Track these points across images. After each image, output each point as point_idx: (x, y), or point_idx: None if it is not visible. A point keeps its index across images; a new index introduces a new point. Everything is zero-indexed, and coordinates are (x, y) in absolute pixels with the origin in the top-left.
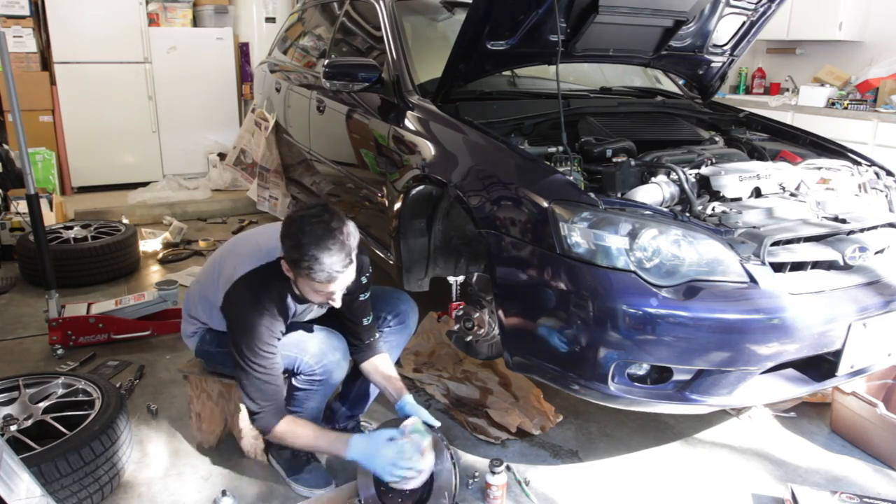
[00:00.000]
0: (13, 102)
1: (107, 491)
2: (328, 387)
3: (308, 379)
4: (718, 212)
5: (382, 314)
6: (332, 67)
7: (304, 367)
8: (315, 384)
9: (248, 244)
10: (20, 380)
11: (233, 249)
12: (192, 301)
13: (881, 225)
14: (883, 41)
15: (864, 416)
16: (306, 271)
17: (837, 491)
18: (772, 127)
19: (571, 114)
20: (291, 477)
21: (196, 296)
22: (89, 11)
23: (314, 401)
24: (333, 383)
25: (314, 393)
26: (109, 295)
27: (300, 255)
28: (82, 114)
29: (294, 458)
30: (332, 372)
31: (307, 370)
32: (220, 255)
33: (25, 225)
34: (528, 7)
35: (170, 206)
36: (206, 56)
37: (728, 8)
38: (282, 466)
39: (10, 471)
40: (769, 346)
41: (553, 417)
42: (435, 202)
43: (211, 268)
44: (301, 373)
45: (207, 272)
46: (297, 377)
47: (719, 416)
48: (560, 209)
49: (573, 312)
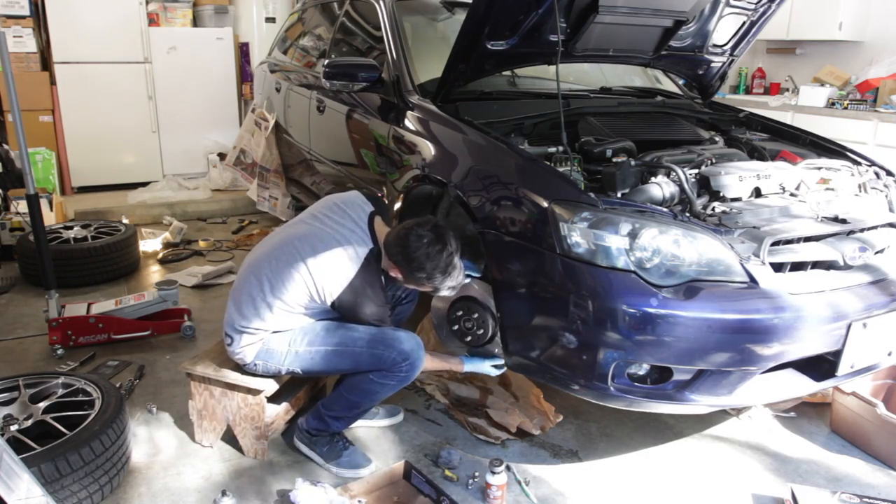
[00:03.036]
0: (13, 102)
1: (106, 491)
2: (406, 382)
3: (392, 375)
4: (718, 212)
5: (398, 291)
6: (332, 67)
7: (391, 364)
8: (396, 380)
9: (330, 251)
10: (20, 380)
11: (312, 252)
12: (240, 314)
13: (881, 225)
14: (883, 41)
15: (864, 416)
16: (420, 281)
17: (837, 491)
18: (772, 127)
19: (571, 114)
20: (331, 462)
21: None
22: (89, 11)
23: (383, 396)
24: (412, 379)
25: (390, 389)
26: (109, 295)
27: (419, 271)
28: (82, 114)
29: (332, 445)
30: (415, 368)
31: (394, 368)
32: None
33: (25, 225)
34: (528, 7)
35: (170, 206)
36: (206, 56)
37: (728, 8)
38: (318, 454)
39: (10, 471)
40: (769, 347)
41: (553, 417)
42: (435, 202)
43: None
44: (385, 369)
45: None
46: (379, 373)
47: (719, 416)
48: (560, 209)
49: (573, 312)
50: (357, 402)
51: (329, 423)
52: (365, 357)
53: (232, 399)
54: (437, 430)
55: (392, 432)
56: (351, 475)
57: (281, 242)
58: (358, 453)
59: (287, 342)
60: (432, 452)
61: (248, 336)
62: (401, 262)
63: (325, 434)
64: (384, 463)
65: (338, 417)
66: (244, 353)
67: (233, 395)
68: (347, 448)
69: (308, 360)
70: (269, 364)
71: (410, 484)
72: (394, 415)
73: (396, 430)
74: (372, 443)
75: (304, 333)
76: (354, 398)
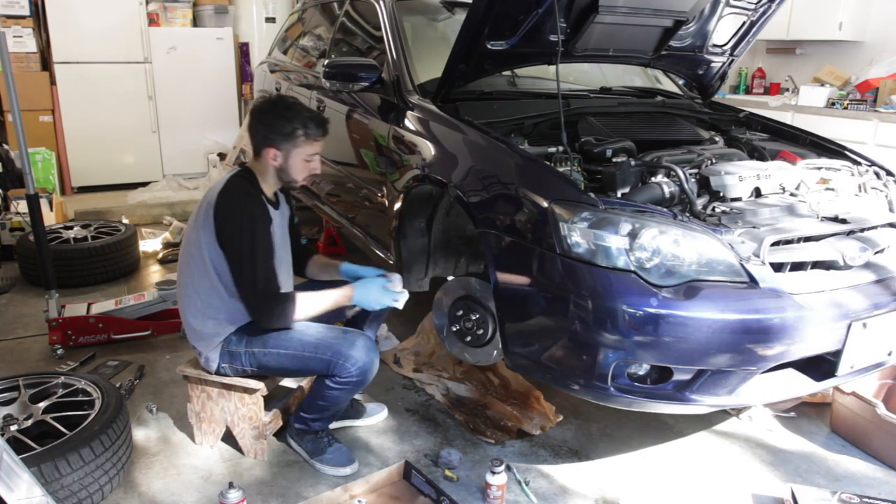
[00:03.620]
0: (13, 102)
1: (107, 491)
2: (362, 386)
3: (344, 381)
4: (718, 212)
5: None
6: (332, 67)
7: (340, 369)
8: (350, 385)
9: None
10: (20, 380)
11: (195, 223)
12: (195, 321)
13: (881, 225)
14: (883, 41)
15: (864, 416)
16: (303, 137)
17: (837, 491)
18: (772, 127)
19: (571, 114)
20: (315, 458)
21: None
22: (89, 11)
23: (345, 399)
24: (367, 383)
25: (348, 392)
26: (109, 295)
27: (293, 126)
28: (82, 114)
29: (316, 441)
30: (367, 373)
31: (344, 373)
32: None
33: (25, 225)
34: (528, 7)
35: (170, 206)
36: (206, 56)
37: (728, 8)
38: (304, 450)
39: (10, 471)
40: (769, 347)
41: (553, 417)
42: (435, 202)
43: (190, 266)
44: (336, 375)
45: (189, 276)
46: (332, 379)
47: (719, 416)
48: (560, 209)
49: (573, 312)
50: (324, 406)
51: (309, 424)
52: (313, 362)
53: (229, 400)
54: (437, 430)
55: (392, 432)
56: (333, 472)
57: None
58: (343, 452)
59: (244, 343)
60: (432, 452)
61: (205, 343)
62: (272, 132)
63: (310, 432)
64: (384, 463)
65: (314, 419)
66: (209, 358)
67: (230, 396)
68: (332, 445)
69: (263, 361)
70: (235, 365)
71: (410, 484)
72: (376, 413)
73: (396, 430)
74: (372, 443)
75: (259, 334)
76: (320, 402)
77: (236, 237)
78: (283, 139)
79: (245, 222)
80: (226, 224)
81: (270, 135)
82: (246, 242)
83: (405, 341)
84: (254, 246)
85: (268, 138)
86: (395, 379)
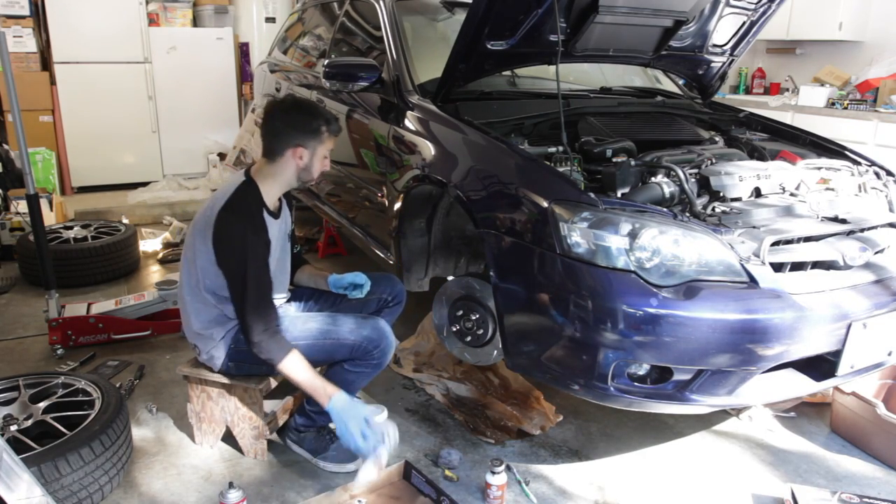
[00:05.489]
0: (13, 102)
1: (107, 491)
2: (379, 369)
3: (364, 362)
4: (718, 212)
5: (383, 295)
6: (332, 67)
7: (360, 351)
8: (370, 367)
9: (205, 207)
10: (20, 380)
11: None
12: (196, 321)
13: (881, 225)
14: (883, 41)
15: (864, 416)
16: (327, 134)
17: (837, 491)
18: (772, 127)
19: (571, 114)
20: (318, 456)
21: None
22: (89, 11)
23: (363, 382)
24: (384, 366)
25: (366, 375)
26: (109, 295)
27: (318, 122)
28: (82, 114)
29: (318, 439)
30: (387, 353)
31: (366, 356)
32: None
33: (25, 225)
34: (528, 7)
35: (170, 206)
36: (206, 56)
37: (728, 8)
38: (305, 449)
39: (10, 471)
40: (769, 347)
41: (553, 417)
42: (435, 202)
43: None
44: (358, 358)
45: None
46: (352, 363)
47: (719, 416)
48: (560, 209)
49: (573, 312)
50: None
51: (314, 419)
52: (338, 347)
53: (229, 400)
54: (437, 430)
55: None
56: (336, 469)
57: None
58: (345, 449)
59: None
60: (432, 452)
61: (207, 339)
62: (297, 129)
63: (311, 429)
64: None
65: (319, 412)
66: (213, 356)
67: (230, 396)
68: (334, 442)
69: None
70: (242, 364)
71: (410, 484)
72: (376, 414)
73: None
74: None
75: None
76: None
77: (236, 272)
78: (310, 137)
79: (248, 256)
80: (226, 259)
81: (298, 134)
82: (243, 275)
83: (405, 341)
84: (247, 280)
85: (294, 137)
86: (395, 379)
